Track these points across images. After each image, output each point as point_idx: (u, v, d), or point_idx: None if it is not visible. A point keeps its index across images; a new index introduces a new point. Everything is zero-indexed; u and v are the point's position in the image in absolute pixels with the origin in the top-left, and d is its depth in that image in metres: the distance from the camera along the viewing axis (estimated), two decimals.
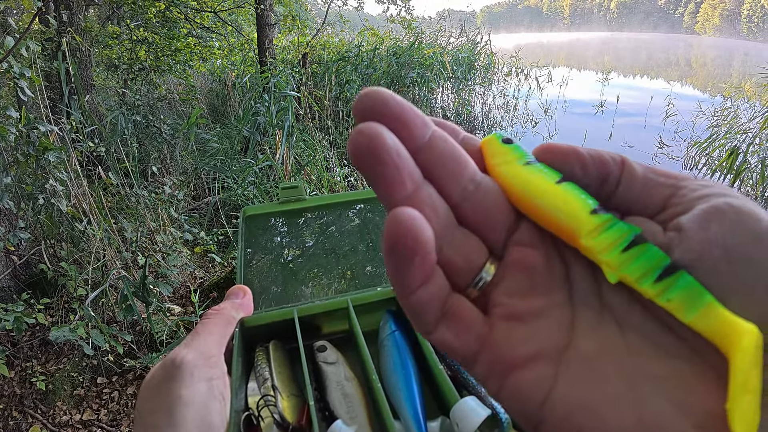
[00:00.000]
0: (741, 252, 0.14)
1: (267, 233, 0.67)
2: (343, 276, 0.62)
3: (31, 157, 1.96)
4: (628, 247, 0.17)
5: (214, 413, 0.34)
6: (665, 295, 0.16)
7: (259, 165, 3.48)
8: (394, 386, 0.48)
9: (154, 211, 2.70)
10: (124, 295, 1.93)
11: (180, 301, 2.48)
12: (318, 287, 0.61)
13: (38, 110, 2.29)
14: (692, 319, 0.15)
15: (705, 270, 0.15)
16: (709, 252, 0.15)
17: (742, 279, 0.14)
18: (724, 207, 0.15)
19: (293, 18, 5.51)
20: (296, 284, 0.61)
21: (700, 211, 0.15)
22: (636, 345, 0.16)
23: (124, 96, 4.17)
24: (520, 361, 0.17)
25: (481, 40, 7.99)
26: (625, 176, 0.18)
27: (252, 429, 0.42)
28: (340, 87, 5.68)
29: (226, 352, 0.39)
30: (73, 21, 3.33)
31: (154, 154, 3.95)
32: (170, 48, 4.50)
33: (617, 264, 0.17)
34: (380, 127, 0.16)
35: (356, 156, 0.16)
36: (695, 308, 0.15)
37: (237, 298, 0.45)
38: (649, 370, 0.15)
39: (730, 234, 0.14)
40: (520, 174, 0.20)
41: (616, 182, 0.18)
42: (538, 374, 0.16)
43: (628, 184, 0.18)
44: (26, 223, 2.18)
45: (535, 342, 0.17)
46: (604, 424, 0.15)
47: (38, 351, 2.14)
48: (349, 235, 0.67)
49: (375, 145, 0.15)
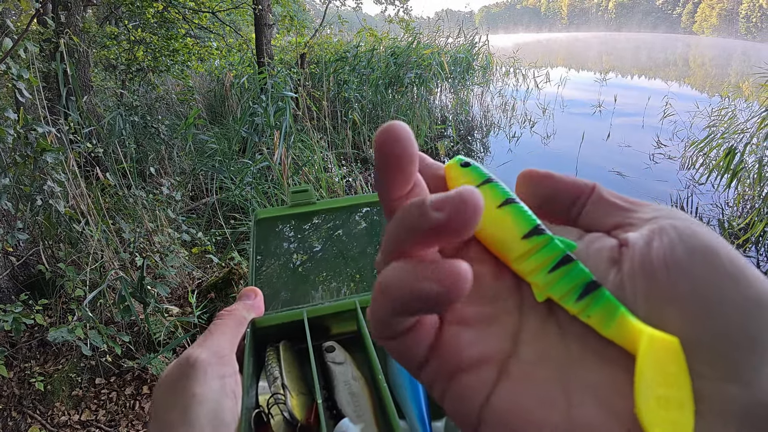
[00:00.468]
0: (678, 265, 0.16)
1: (278, 236, 0.67)
2: (352, 278, 0.62)
3: (29, 159, 1.96)
4: (555, 267, 0.18)
5: (227, 410, 0.35)
6: (586, 312, 0.17)
7: (256, 165, 3.48)
8: (399, 386, 0.48)
9: (151, 211, 2.70)
10: (122, 296, 1.92)
11: (178, 301, 2.48)
12: (327, 289, 0.61)
13: (36, 111, 2.29)
14: (609, 332, 0.16)
15: (646, 281, 0.16)
16: (649, 265, 0.16)
17: (679, 290, 0.15)
18: (667, 227, 0.17)
19: (291, 18, 5.51)
20: (306, 286, 0.61)
21: (646, 230, 0.17)
22: (576, 352, 0.17)
23: (122, 97, 4.16)
24: (466, 365, 0.17)
25: (479, 41, 8.00)
26: (592, 198, 0.20)
27: (262, 426, 0.42)
28: (339, 87, 5.68)
29: (238, 352, 0.40)
30: (71, 22, 3.32)
31: (152, 154, 3.95)
32: (168, 48, 4.50)
33: (544, 284, 0.18)
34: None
35: (383, 142, 0.17)
36: (611, 322, 0.16)
37: (248, 299, 0.46)
38: (585, 376, 0.16)
39: (669, 250, 0.16)
40: None
41: (584, 203, 0.20)
42: (481, 378, 0.17)
43: (594, 205, 0.20)
44: (24, 224, 2.17)
45: (482, 346, 0.18)
46: (537, 426, 0.16)
47: (37, 352, 2.13)
48: (357, 238, 0.67)
49: (404, 137, 0.17)
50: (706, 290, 0.15)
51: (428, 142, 5.49)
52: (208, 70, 6.71)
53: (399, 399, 0.47)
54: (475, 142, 6.38)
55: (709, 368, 0.14)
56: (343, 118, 5.26)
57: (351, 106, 5.37)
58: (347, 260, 0.64)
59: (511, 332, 0.18)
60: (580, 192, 0.20)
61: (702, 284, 0.15)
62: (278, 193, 3.31)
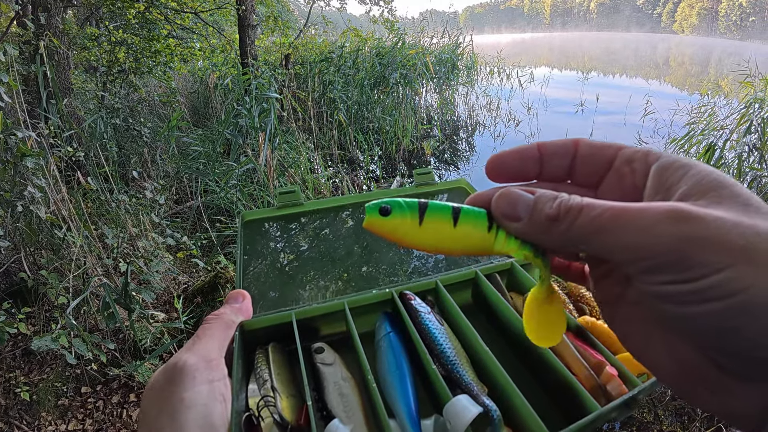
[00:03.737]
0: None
1: (265, 238, 0.67)
2: (340, 278, 0.63)
3: (8, 164, 1.92)
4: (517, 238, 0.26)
5: (216, 415, 0.35)
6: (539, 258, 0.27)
7: (241, 168, 3.45)
8: (389, 386, 0.49)
9: (135, 216, 2.66)
10: (106, 303, 1.89)
11: (164, 307, 2.45)
12: (315, 290, 0.61)
13: (15, 115, 2.24)
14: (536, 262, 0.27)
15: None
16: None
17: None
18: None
19: (275, 19, 5.48)
20: (294, 287, 0.61)
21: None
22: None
23: (103, 99, 4.10)
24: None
25: (464, 41, 8.05)
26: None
27: (253, 429, 0.42)
28: (324, 88, 5.66)
29: (227, 355, 0.40)
30: (51, 23, 3.26)
31: (135, 158, 3.90)
32: (150, 49, 4.43)
33: (518, 249, 0.26)
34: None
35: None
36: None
37: (236, 302, 0.46)
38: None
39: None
40: (424, 236, 0.26)
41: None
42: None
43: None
44: (5, 231, 2.13)
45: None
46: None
47: (21, 361, 2.09)
48: (345, 238, 0.68)
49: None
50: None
51: (414, 142, 5.51)
52: (191, 72, 6.63)
53: (388, 398, 0.48)
54: (460, 141, 6.42)
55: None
56: (328, 118, 5.25)
57: (336, 107, 5.35)
58: (335, 261, 0.64)
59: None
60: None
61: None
62: (264, 196, 3.29)
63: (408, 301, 0.56)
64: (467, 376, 0.48)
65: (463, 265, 0.66)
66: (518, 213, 0.25)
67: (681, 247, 0.19)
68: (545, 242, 0.25)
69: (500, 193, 0.26)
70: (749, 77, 4.71)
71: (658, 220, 0.20)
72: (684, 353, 0.22)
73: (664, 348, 0.24)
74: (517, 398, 0.44)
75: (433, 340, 0.52)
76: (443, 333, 0.53)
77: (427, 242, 0.27)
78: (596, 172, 0.27)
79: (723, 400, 0.22)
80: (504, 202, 0.26)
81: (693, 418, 1.80)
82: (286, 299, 0.60)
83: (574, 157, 0.28)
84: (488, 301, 0.59)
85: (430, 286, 0.60)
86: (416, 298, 0.56)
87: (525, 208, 0.25)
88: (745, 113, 3.86)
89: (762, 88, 4.22)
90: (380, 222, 0.26)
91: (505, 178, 0.28)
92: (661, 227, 0.19)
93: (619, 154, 0.26)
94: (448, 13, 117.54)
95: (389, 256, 0.68)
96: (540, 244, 0.26)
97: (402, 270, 0.67)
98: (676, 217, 0.19)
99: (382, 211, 0.26)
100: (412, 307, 0.55)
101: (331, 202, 0.71)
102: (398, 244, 0.27)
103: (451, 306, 0.56)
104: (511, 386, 0.45)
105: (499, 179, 0.28)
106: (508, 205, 0.25)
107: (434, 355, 0.51)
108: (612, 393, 0.46)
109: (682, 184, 0.22)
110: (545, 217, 0.23)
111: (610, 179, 0.27)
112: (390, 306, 0.59)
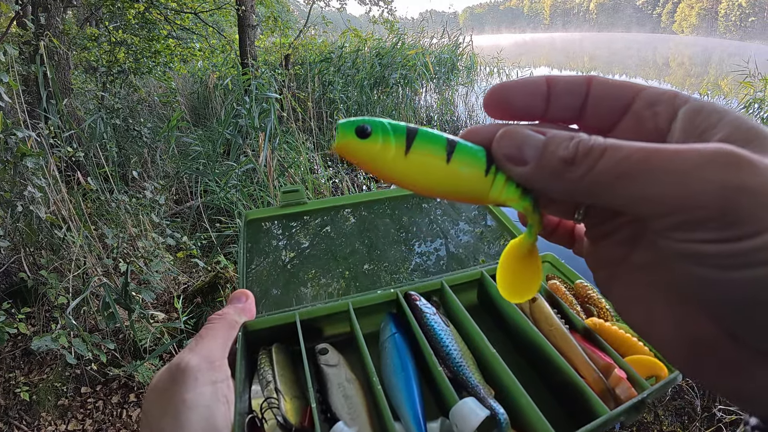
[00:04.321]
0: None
1: (268, 237, 0.67)
2: (343, 277, 0.62)
3: (8, 164, 1.91)
4: (518, 186, 0.23)
5: (219, 416, 0.34)
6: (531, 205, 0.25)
7: (241, 168, 3.44)
8: (394, 388, 0.48)
9: (135, 216, 2.65)
10: (106, 303, 1.89)
11: (164, 307, 2.45)
12: (319, 289, 0.61)
13: (15, 115, 2.23)
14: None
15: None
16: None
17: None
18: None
19: (275, 19, 5.47)
20: (298, 287, 0.61)
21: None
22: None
23: (102, 99, 4.09)
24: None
25: (464, 41, 8.05)
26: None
27: (256, 431, 0.41)
28: (324, 88, 5.66)
29: (230, 356, 0.39)
30: (51, 23, 3.25)
31: (135, 158, 3.89)
32: (150, 50, 4.43)
33: (518, 199, 0.24)
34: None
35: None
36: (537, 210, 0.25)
37: (239, 302, 0.45)
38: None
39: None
40: (408, 169, 0.22)
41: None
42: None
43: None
44: (5, 231, 2.12)
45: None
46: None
47: (21, 361, 2.08)
48: (348, 237, 0.67)
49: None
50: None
51: None
52: (191, 72, 6.63)
53: (393, 400, 0.47)
54: None
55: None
56: (328, 119, 5.24)
57: (336, 107, 5.35)
58: (339, 260, 0.64)
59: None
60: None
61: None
62: (264, 196, 3.28)
63: (413, 302, 0.55)
64: (474, 379, 0.48)
65: (469, 265, 0.65)
66: (525, 155, 0.21)
67: (730, 197, 0.16)
68: (555, 191, 0.21)
69: (504, 131, 0.22)
70: (749, 77, 4.72)
71: (703, 163, 0.16)
72: (697, 326, 0.20)
73: (671, 320, 0.21)
74: (525, 401, 0.44)
75: (439, 341, 0.51)
76: (449, 334, 0.52)
77: (411, 177, 0.22)
78: (610, 114, 0.23)
79: (737, 381, 0.19)
80: (508, 141, 0.22)
81: (693, 418, 1.79)
82: (290, 299, 0.59)
83: (586, 97, 0.24)
84: (494, 302, 0.59)
85: (436, 287, 0.59)
86: (421, 299, 0.56)
87: (534, 150, 0.21)
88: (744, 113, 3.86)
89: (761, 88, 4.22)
90: (355, 145, 0.21)
91: (507, 114, 0.25)
92: (707, 172, 0.16)
93: (639, 95, 0.22)
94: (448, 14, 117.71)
95: (393, 254, 0.67)
96: (547, 194, 0.22)
97: (404, 267, 0.67)
98: (725, 161, 0.16)
99: (359, 132, 0.21)
100: (418, 308, 0.54)
101: (333, 201, 0.70)
102: (375, 175, 0.22)
103: (457, 307, 0.56)
104: (518, 389, 0.45)
105: (500, 115, 0.25)
106: (512, 146, 0.22)
107: (440, 356, 0.50)
108: (621, 396, 0.45)
109: (719, 129, 0.19)
110: (558, 160, 0.20)
111: (626, 123, 0.23)
112: (395, 306, 0.58)
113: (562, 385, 0.48)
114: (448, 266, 0.68)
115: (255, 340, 0.50)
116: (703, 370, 0.20)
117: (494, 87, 0.24)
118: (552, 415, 0.41)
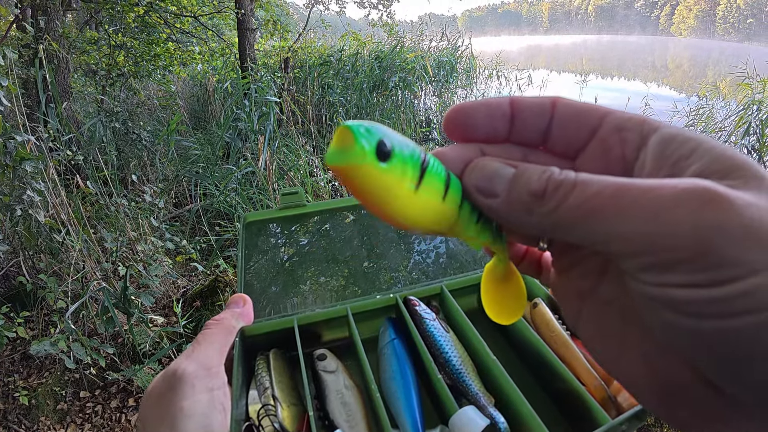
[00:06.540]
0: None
1: (267, 240, 0.66)
2: (343, 281, 0.62)
3: (7, 168, 1.91)
4: (478, 221, 0.22)
5: (216, 424, 0.34)
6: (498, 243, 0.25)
7: (241, 171, 3.44)
8: (393, 395, 0.48)
9: (134, 220, 2.65)
10: (105, 307, 1.88)
11: (163, 311, 2.44)
12: (318, 294, 0.61)
13: (15, 119, 2.23)
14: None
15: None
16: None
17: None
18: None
19: (274, 22, 5.47)
20: (296, 291, 0.60)
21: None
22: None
23: (102, 102, 4.09)
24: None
25: (462, 44, 8.06)
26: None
27: None
28: (323, 91, 5.66)
29: (227, 362, 0.39)
30: (51, 27, 3.26)
31: (134, 161, 3.88)
32: (149, 53, 4.43)
33: (476, 235, 0.23)
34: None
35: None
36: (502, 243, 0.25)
37: (237, 306, 0.45)
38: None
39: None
40: (412, 208, 0.19)
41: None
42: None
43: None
44: (4, 235, 2.11)
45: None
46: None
47: (20, 365, 2.08)
48: (348, 240, 0.67)
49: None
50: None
51: None
52: (191, 75, 6.63)
53: (392, 408, 0.47)
54: None
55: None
56: (327, 122, 5.24)
57: (336, 110, 5.35)
58: (338, 263, 0.64)
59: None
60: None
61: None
62: (263, 199, 3.28)
63: (413, 307, 0.55)
64: (474, 386, 0.47)
65: (470, 269, 0.65)
66: (495, 188, 0.20)
67: (706, 238, 0.14)
68: (523, 225, 0.19)
69: (474, 164, 0.21)
70: (747, 79, 4.72)
71: (676, 201, 0.15)
72: (670, 369, 0.18)
73: (642, 360, 0.19)
74: (525, 409, 0.43)
75: (439, 348, 0.51)
76: (449, 341, 0.52)
77: (413, 217, 0.19)
78: (576, 139, 0.22)
79: (713, 428, 0.18)
80: (479, 174, 0.21)
81: None
82: (288, 303, 0.59)
83: (551, 119, 0.22)
84: None
85: (435, 291, 0.59)
86: (421, 304, 0.55)
87: (504, 183, 0.20)
88: (743, 115, 3.86)
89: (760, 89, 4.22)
90: (370, 170, 0.16)
91: (468, 137, 0.23)
92: (680, 211, 0.15)
93: (606, 119, 0.21)
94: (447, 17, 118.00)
95: (394, 257, 0.67)
96: (516, 229, 0.21)
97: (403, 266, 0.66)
98: (701, 199, 0.15)
99: (379, 152, 0.16)
100: (417, 314, 0.54)
101: (333, 204, 0.70)
102: (373, 210, 0.18)
103: (457, 312, 0.55)
104: (519, 397, 0.44)
105: (461, 137, 0.23)
106: (483, 178, 0.21)
107: (439, 363, 0.50)
108: (623, 404, 0.45)
109: (694, 159, 0.18)
110: (528, 194, 0.19)
111: (593, 148, 0.21)
112: (394, 312, 0.58)
113: (563, 393, 0.47)
114: (448, 266, 0.67)
115: (252, 346, 0.50)
116: (676, 414, 0.19)
117: (454, 108, 0.23)
118: (553, 424, 0.41)
